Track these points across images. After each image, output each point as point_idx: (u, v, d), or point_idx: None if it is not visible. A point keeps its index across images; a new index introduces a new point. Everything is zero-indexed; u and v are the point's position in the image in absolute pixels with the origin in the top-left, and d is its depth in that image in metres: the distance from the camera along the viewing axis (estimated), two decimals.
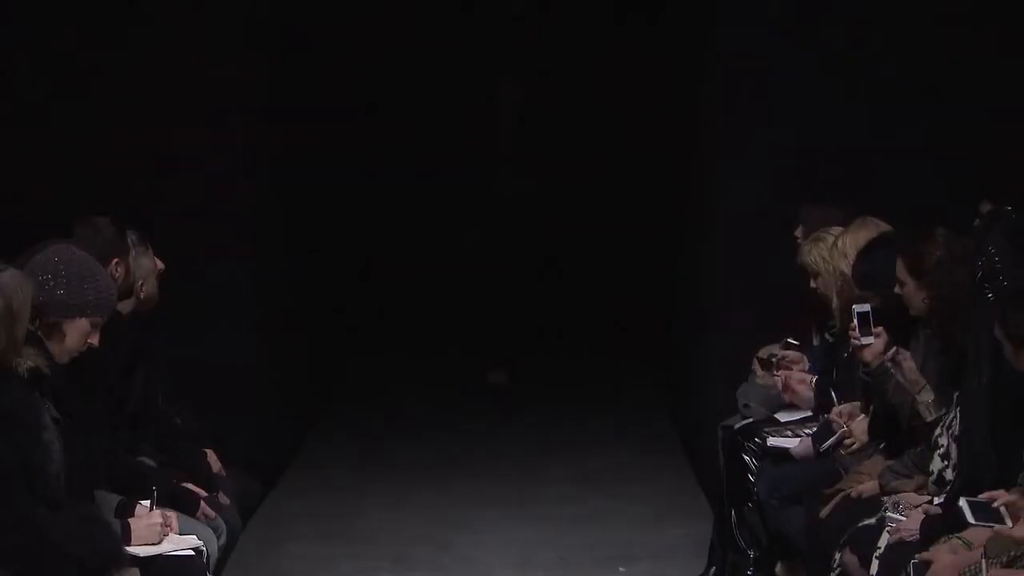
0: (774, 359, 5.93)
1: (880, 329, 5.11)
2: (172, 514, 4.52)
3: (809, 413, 5.77)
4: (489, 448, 8.41)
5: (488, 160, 8.99)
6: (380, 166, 11.37)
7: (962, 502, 4.12)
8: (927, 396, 4.88)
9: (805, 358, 5.89)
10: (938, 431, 4.74)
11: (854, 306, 5.18)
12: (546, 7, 11.13)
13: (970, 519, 4.08)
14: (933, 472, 4.71)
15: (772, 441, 5.65)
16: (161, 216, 6.14)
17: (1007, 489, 4.18)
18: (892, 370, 5.02)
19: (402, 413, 9.27)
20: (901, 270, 4.96)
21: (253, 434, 6.99)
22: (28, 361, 4.08)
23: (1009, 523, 3.99)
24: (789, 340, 6.02)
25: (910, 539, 4.45)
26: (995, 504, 4.08)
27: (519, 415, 6.93)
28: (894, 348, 4.97)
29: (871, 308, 5.12)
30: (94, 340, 4.41)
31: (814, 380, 5.78)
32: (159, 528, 4.42)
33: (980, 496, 4.14)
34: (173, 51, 6.69)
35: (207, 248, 6.68)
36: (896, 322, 5.09)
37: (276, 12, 7.66)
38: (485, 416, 8.87)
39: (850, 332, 5.19)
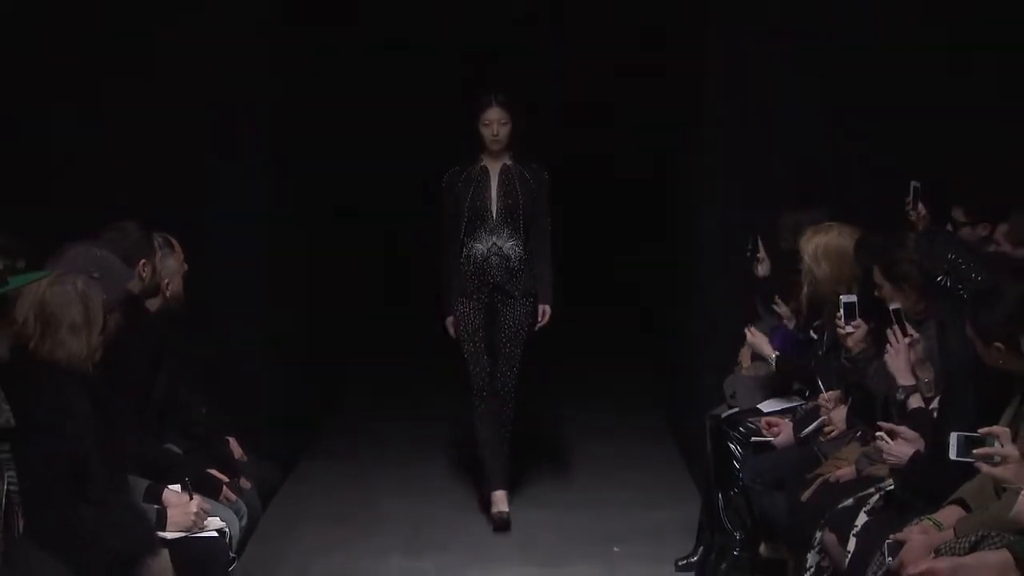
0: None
1: (859, 321, 5.15)
2: (208, 505, 4.54)
3: (791, 404, 5.78)
4: None
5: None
6: (388, 167, 11.22)
7: (953, 435, 3.91)
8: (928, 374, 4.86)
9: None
10: None
11: (841, 296, 5.23)
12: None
13: (953, 454, 3.90)
14: None
15: (755, 439, 5.67)
16: (182, 219, 6.10)
17: None
18: (875, 357, 5.04)
19: (413, 404, 9.26)
20: (878, 275, 5.00)
21: (272, 423, 7.00)
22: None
23: (992, 468, 3.82)
24: (751, 328, 6.00)
25: (894, 464, 4.48)
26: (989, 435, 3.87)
27: (521, 407, 7.01)
28: (909, 336, 4.86)
29: (857, 299, 5.16)
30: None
31: (776, 357, 5.80)
32: (194, 517, 4.43)
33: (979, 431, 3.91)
34: (188, 57, 6.66)
35: (226, 246, 6.65)
36: (877, 315, 5.12)
37: (285, 16, 7.58)
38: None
39: (836, 320, 5.23)
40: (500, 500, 6.81)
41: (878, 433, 4.64)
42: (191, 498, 4.51)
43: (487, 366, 6.78)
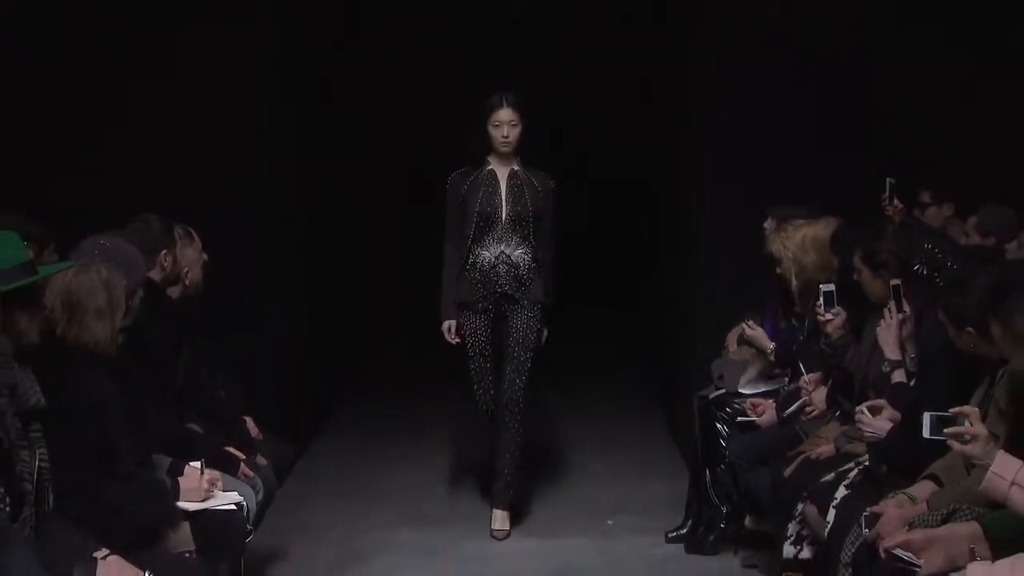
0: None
1: (838, 309, 5.22)
2: (217, 475, 4.61)
3: (773, 386, 5.84)
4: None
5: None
6: (387, 166, 11.19)
7: (926, 415, 3.91)
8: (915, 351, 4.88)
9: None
10: None
11: (821, 285, 5.28)
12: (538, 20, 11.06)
13: (926, 433, 3.90)
14: None
15: (740, 418, 5.73)
16: (183, 218, 6.11)
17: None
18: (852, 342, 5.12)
19: (418, 388, 9.31)
20: (858, 260, 5.06)
21: (287, 405, 7.03)
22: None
23: (963, 446, 3.78)
24: (750, 323, 6.04)
25: (872, 440, 4.55)
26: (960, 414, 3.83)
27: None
28: (903, 313, 4.86)
29: (835, 287, 5.23)
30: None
31: (773, 347, 5.87)
32: (203, 491, 4.50)
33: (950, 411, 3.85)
34: (188, 57, 6.69)
35: (229, 243, 6.61)
36: (855, 301, 5.19)
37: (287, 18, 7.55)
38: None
39: (816, 308, 5.28)
40: (499, 519, 6.33)
41: (859, 407, 4.71)
42: (203, 472, 4.58)
43: (491, 386, 6.31)
